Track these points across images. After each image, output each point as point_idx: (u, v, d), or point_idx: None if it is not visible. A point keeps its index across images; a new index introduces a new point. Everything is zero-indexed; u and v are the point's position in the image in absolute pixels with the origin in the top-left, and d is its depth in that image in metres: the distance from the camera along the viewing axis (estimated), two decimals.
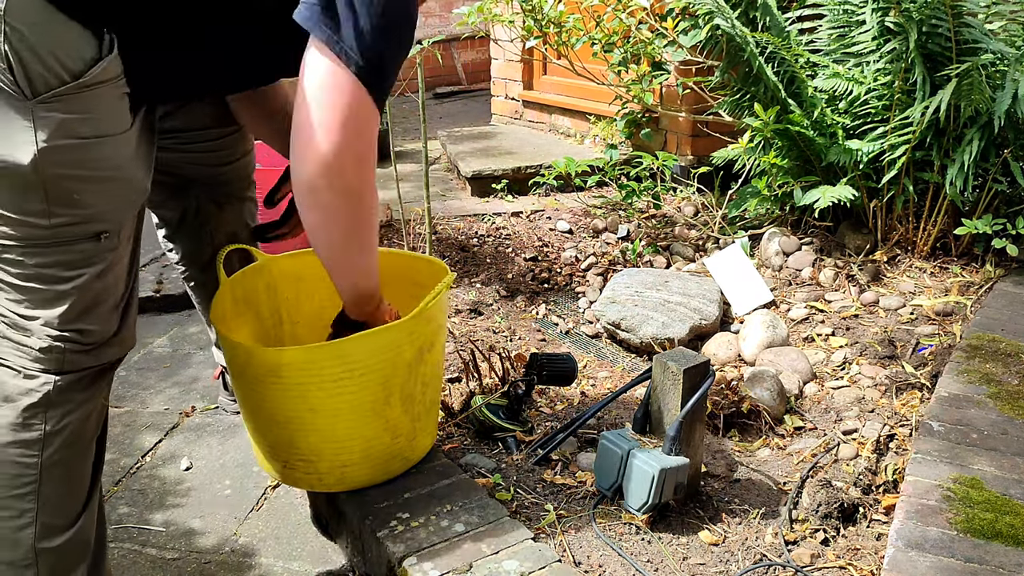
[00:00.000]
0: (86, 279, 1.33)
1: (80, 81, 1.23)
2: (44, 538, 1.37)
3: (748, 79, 3.00)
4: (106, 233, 1.34)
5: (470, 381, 2.21)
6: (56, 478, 1.37)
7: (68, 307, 1.33)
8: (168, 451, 2.25)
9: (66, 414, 1.37)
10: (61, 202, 1.28)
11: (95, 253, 1.34)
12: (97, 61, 1.25)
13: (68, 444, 1.38)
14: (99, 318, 1.38)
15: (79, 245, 1.32)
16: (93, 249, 1.33)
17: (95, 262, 1.34)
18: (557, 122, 4.57)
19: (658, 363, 1.69)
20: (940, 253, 2.86)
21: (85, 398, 1.40)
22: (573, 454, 1.94)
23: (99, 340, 1.39)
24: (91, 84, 1.25)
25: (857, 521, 1.70)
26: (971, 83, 2.47)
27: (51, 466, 1.36)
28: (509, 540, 1.57)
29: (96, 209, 1.32)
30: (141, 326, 2.98)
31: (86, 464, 1.43)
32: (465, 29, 3.69)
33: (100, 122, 1.28)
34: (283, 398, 1.60)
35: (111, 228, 1.35)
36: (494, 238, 3.34)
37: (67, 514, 1.40)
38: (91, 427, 1.43)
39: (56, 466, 1.37)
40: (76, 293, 1.33)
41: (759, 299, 2.76)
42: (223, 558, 1.84)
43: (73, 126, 1.25)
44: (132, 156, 1.37)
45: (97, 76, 1.25)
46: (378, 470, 1.72)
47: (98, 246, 1.33)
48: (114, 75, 1.28)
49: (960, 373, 2.03)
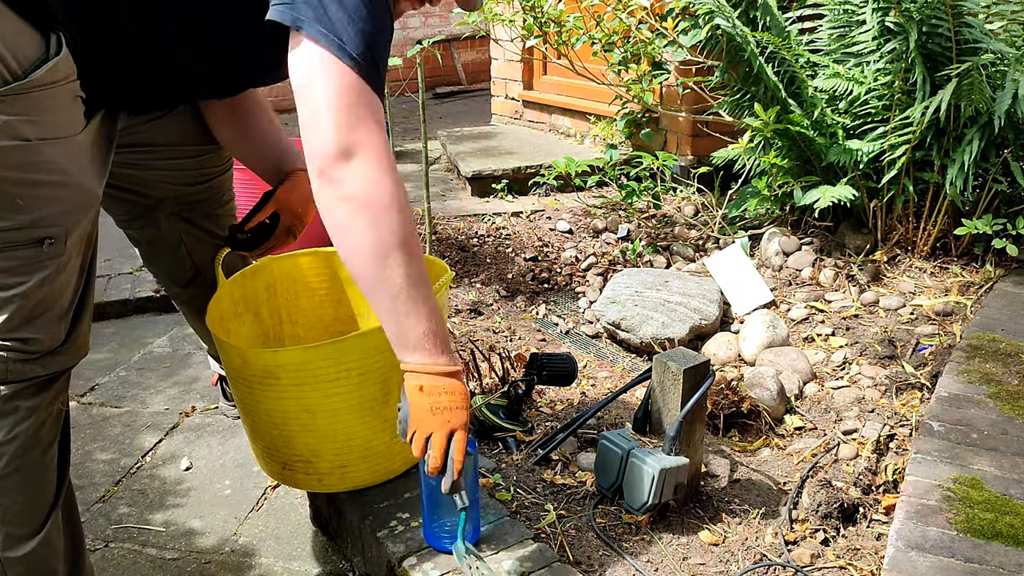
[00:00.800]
0: (28, 287, 1.28)
1: (24, 81, 1.18)
2: (8, 548, 1.34)
3: (748, 79, 2.99)
4: (50, 239, 1.28)
5: (470, 381, 2.21)
6: (12, 488, 1.33)
7: (9, 315, 1.28)
8: (168, 451, 2.25)
9: (15, 424, 1.32)
10: (2, 206, 1.23)
11: (38, 260, 1.28)
12: (44, 61, 1.20)
13: (21, 453, 1.33)
14: (44, 326, 1.31)
15: (20, 251, 1.26)
16: (36, 255, 1.27)
17: (38, 269, 1.28)
18: (557, 122, 4.57)
19: (658, 363, 1.69)
20: (940, 253, 2.86)
21: (35, 405, 1.34)
22: (573, 454, 1.94)
23: (45, 349, 1.33)
24: (38, 85, 1.20)
25: (857, 521, 1.70)
26: (971, 83, 2.47)
27: (5, 476, 1.32)
28: (509, 540, 1.58)
29: (39, 214, 1.26)
30: (141, 326, 2.99)
31: (45, 471, 1.39)
32: (465, 29, 3.69)
33: (47, 124, 1.23)
34: (280, 399, 1.60)
35: (56, 234, 1.28)
36: (494, 238, 3.34)
37: (30, 522, 1.36)
38: (46, 434, 1.37)
39: (11, 476, 1.33)
40: (17, 301, 1.27)
41: (759, 299, 2.76)
42: (223, 558, 1.84)
43: (17, 127, 1.19)
44: (82, 161, 1.32)
45: (43, 77, 1.20)
46: (378, 470, 1.72)
47: (41, 252, 1.27)
48: (64, 76, 1.23)
49: (960, 373, 2.02)
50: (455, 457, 1.33)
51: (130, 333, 2.95)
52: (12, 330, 1.29)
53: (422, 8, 1.47)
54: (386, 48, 1.32)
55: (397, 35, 6.79)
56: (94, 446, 2.26)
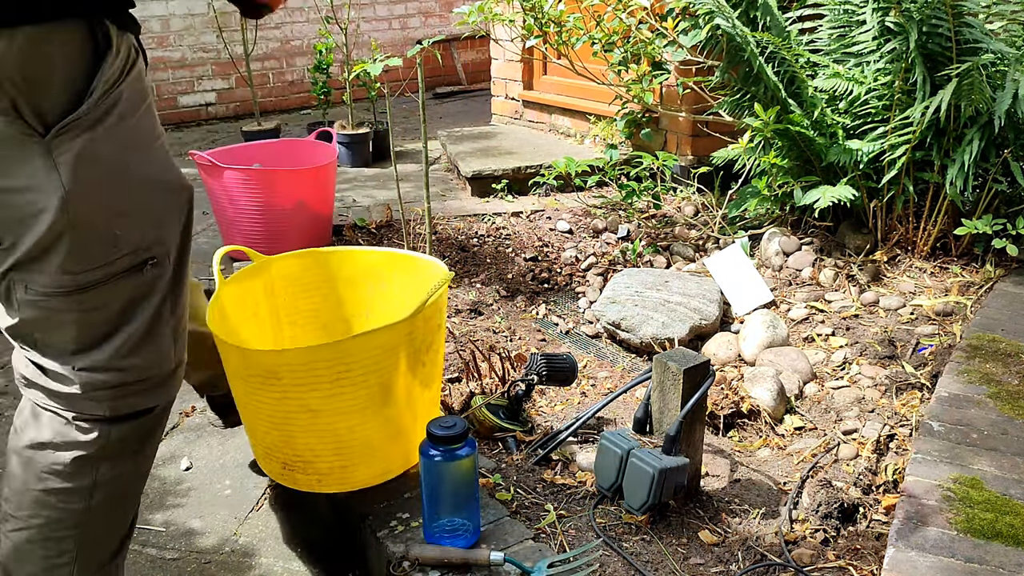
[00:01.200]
0: (144, 313, 1.25)
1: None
2: (81, 573, 1.33)
3: (748, 79, 2.99)
4: (153, 259, 1.25)
5: (470, 381, 2.21)
6: (100, 522, 1.33)
7: (120, 344, 1.24)
8: (168, 451, 2.25)
9: (117, 464, 1.31)
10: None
11: (148, 282, 1.26)
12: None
13: (116, 493, 1.33)
14: (153, 352, 1.29)
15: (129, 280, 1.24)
16: (144, 279, 1.25)
17: (150, 293, 1.26)
18: (557, 122, 4.57)
19: (658, 363, 1.69)
20: (940, 253, 2.86)
21: (137, 449, 1.33)
22: (573, 454, 1.94)
23: (153, 376, 1.30)
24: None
25: (857, 521, 1.70)
26: (971, 83, 2.47)
27: (96, 510, 1.31)
28: (509, 540, 1.57)
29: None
30: None
31: (132, 506, 1.39)
32: (465, 29, 3.69)
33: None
34: (282, 399, 1.60)
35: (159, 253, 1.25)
36: (494, 238, 3.34)
37: (106, 550, 1.36)
38: (143, 473, 1.38)
39: (100, 511, 1.32)
40: (128, 329, 1.24)
41: (759, 299, 2.76)
42: (223, 558, 1.84)
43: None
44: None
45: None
46: (378, 470, 1.72)
47: (144, 276, 1.25)
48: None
49: (960, 373, 2.02)
50: None
51: None
52: (122, 357, 1.25)
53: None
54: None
55: (397, 35, 6.81)
56: None
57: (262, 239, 3.07)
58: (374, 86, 4.63)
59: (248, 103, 5.96)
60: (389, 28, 6.64)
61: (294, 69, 6.23)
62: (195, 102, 5.85)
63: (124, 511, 1.38)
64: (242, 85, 5.85)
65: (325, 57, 4.73)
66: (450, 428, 1.48)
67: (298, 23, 6.17)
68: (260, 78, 6.01)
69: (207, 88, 5.88)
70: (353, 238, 3.33)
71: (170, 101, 5.75)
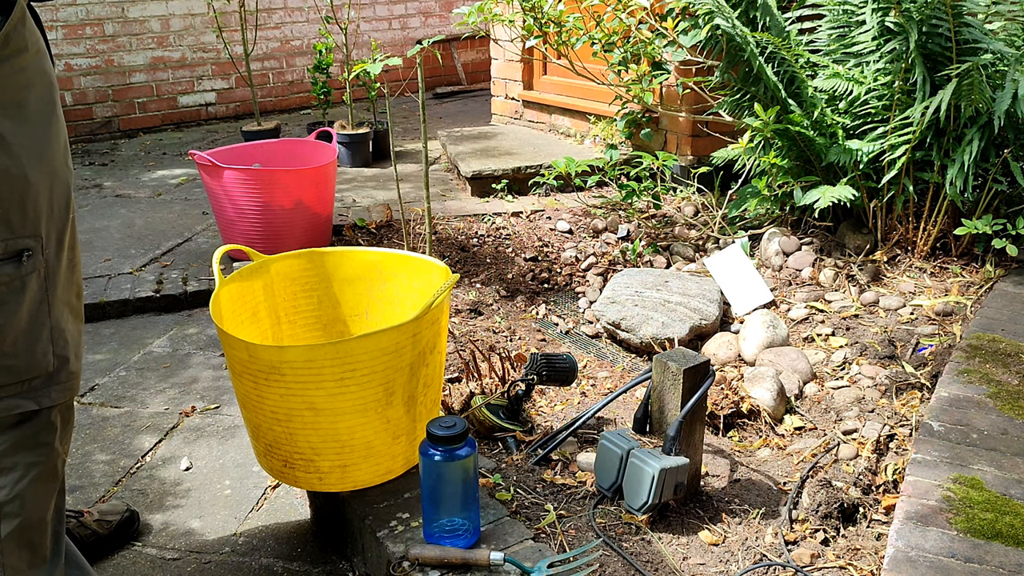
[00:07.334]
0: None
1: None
2: None
3: (748, 79, 2.99)
4: (28, 251, 1.16)
5: (470, 381, 2.21)
6: (15, 545, 1.23)
7: None
8: (168, 451, 2.25)
9: (8, 480, 1.20)
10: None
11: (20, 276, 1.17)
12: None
13: (22, 517, 1.22)
14: (27, 351, 1.19)
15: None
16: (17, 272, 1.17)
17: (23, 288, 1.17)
18: (557, 122, 4.57)
19: (658, 363, 1.69)
20: (940, 253, 2.86)
21: (33, 461, 1.22)
22: (573, 454, 1.93)
23: (34, 375, 1.20)
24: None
25: (857, 521, 1.70)
26: (971, 83, 2.47)
27: (8, 537, 1.21)
28: (509, 540, 1.57)
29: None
30: (141, 326, 2.99)
31: (46, 531, 1.28)
32: (465, 29, 3.69)
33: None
34: (285, 396, 1.60)
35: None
36: (494, 238, 3.34)
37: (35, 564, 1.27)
38: (48, 492, 1.26)
39: (9, 542, 1.22)
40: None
41: (759, 299, 2.76)
42: (223, 558, 1.84)
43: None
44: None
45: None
46: (379, 470, 1.72)
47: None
48: None
49: (960, 373, 2.02)
50: None
51: (130, 333, 2.95)
52: None
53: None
54: None
55: (397, 35, 6.81)
56: (93, 446, 2.26)
57: (262, 239, 3.07)
58: (374, 86, 4.63)
59: (248, 103, 5.96)
60: (389, 28, 6.64)
61: (294, 69, 6.23)
62: (195, 102, 5.85)
63: (38, 535, 1.24)
64: (242, 85, 5.84)
65: (325, 57, 4.73)
66: (450, 428, 1.49)
67: (298, 23, 6.17)
68: (260, 78, 6.01)
69: (207, 88, 5.88)
70: (353, 238, 3.33)
71: (170, 101, 5.75)
